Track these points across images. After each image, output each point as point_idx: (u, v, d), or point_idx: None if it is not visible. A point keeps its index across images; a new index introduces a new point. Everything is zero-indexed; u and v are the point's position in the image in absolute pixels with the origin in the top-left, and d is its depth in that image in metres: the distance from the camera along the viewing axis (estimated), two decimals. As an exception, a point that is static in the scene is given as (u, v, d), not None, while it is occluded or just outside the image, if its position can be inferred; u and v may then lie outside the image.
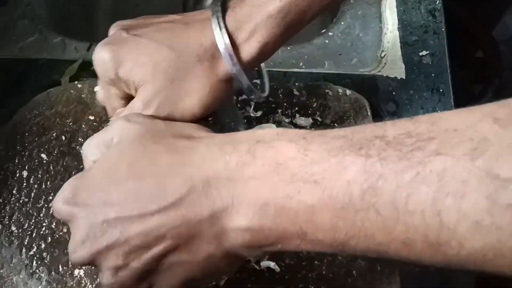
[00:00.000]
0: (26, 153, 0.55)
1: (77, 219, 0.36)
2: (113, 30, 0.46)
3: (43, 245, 0.50)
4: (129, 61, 0.43)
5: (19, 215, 0.51)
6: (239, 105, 0.57)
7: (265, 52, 0.44)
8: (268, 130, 0.35)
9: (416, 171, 0.29)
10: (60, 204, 0.37)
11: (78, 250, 0.36)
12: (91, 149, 0.40)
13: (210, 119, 0.46)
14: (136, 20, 0.47)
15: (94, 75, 0.64)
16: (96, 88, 0.51)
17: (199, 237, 0.34)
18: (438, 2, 0.71)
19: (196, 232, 0.34)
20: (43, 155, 0.55)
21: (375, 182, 0.29)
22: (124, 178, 0.36)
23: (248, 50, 0.44)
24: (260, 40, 0.44)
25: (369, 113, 0.57)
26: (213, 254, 0.35)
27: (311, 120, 0.57)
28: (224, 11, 0.43)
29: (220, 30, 0.42)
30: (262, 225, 0.33)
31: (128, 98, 0.45)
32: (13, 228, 0.51)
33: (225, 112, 0.50)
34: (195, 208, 0.34)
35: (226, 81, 0.44)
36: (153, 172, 0.35)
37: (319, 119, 0.57)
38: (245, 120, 0.56)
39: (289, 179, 0.32)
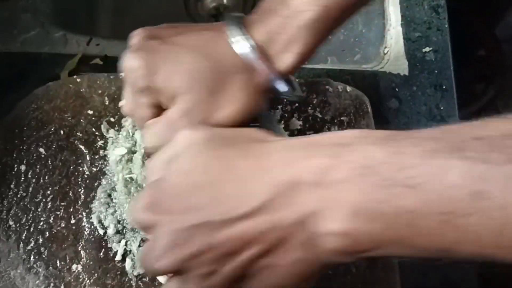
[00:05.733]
0: (24, 147, 0.54)
1: (160, 226, 0.35)
2: (135, 39, 0.45)
3: (40, 240, 0.50)
4: (165, 70, 0.42)
5: (16, 210, 0.51)
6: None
7: (301, 61, 0.44)
8: (347, 132, 0.34)
9: None
10: (141, 212, 0.36)
11: (162, 259, 0.34)
12: (158, 166, 0.38)
13: (257, 124, 0.45)
14: (159, 28, 0.46)
15: (93, 70, 0.64)
16: (121, 103, 0.49)
17: (287, 242, 0.33)
18: (441, -2, 0.71)
19: (284, 237, 0.33)
20: (41, 149, 0.54)
21: (483, 186, 0.28)
22: (201, 183, 0.35)
23: (284, 61, 0.43)
24: (297, 51, 0.43)
25: (369, 110, 0.57)
26: (302, 259, 0.34)
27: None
28: (246, 22, 0.43)
29: (247, 40, 0.42)
30: (356, 229, 0.31)
31: (157, 107, 0.44)
32: (11, 223, 0.51)
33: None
34: (281, 213, 0.33)
35: (265, 91, 0.44)
36: (231, 176, 0.35)
37: (319, 115, 0.57)
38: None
39: (381, 184, 0.31)
